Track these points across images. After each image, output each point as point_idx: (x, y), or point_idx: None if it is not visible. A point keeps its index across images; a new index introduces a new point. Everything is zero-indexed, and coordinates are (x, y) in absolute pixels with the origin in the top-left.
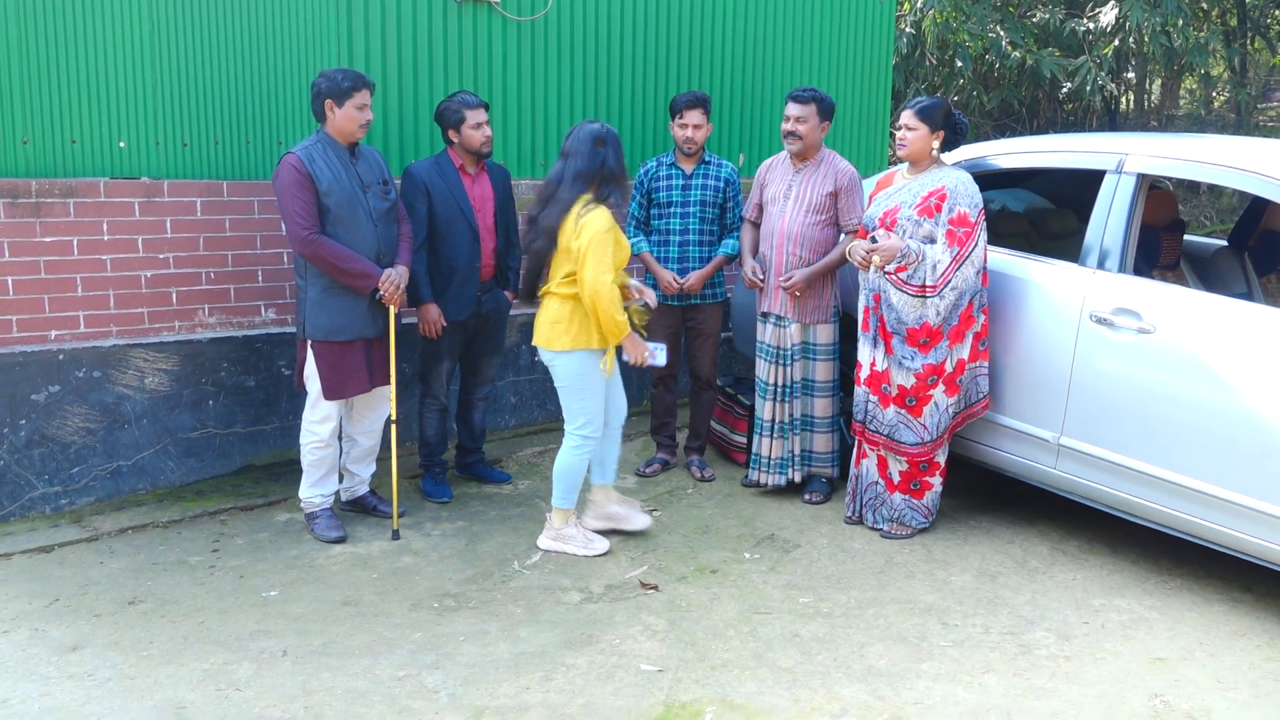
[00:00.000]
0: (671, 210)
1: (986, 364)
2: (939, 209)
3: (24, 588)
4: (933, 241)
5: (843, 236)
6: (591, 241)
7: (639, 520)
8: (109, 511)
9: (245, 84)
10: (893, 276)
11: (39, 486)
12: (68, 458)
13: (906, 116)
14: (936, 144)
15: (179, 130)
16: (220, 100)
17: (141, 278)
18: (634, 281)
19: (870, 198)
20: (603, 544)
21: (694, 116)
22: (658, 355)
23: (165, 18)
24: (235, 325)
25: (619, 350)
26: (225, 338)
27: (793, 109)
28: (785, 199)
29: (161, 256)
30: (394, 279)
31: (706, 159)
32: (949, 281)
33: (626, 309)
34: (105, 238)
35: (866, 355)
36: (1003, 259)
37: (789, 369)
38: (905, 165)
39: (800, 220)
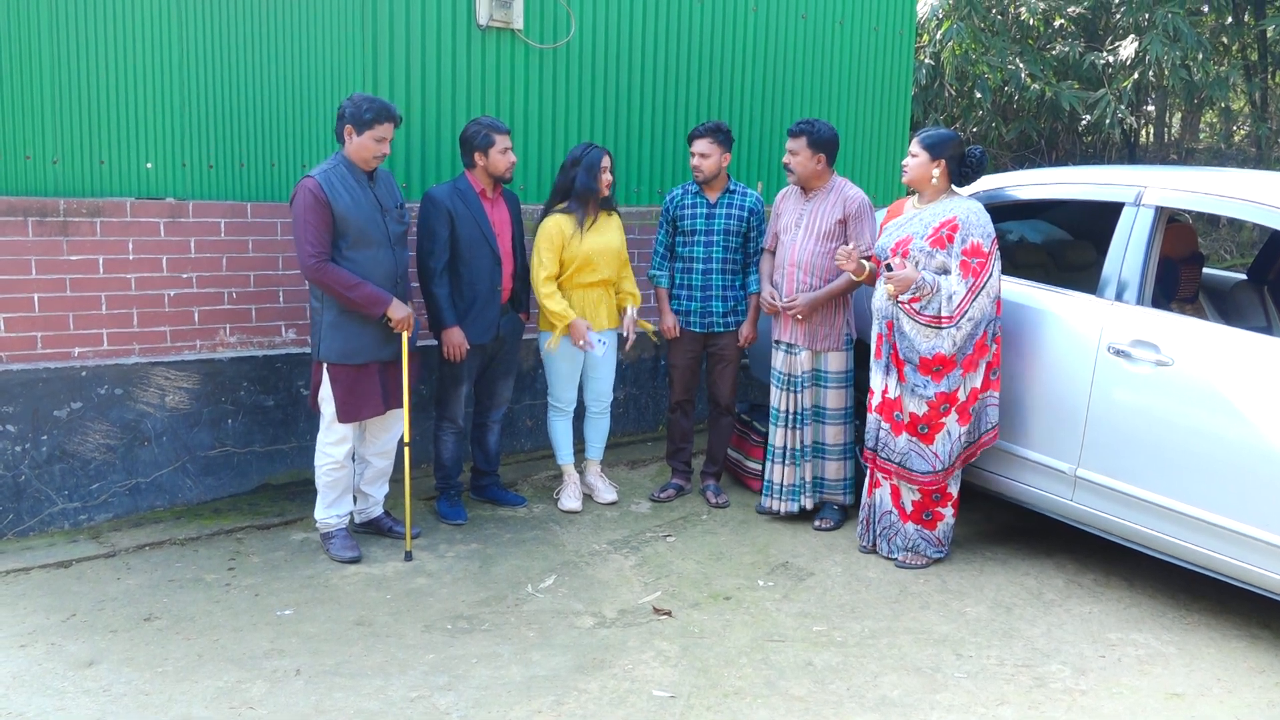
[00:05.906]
0: (695, 238)
1: (997, 393)
2: (950, 240)
3: (41, 602)
4: (946, 273)
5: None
6: (535, 246)
7: (606, 494)
8: (127, 528)
9: (271, 108)
10: (906, 306)
11: (58, 502)
12: (87, 474)
13: (911, 143)
14: (937, 173)
15: (205, 152)
16: (246, 123)
17: (165, 296)
18: (631, 310)
19: (881, 226)
20: (574, 504)
21: (700, 145)
22: (596, 347)
23: (193, 42)
24: (256, 345)
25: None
26: (245, 357)
27: (788, 143)
28: (796, 228)
29: (185, 276)
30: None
31: (731, 188)
32: (965, 312)
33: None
34: (130, 257)
35: (879, 382)
36: (1020, 290)
37: (799, 395)
38: (916, 195)
39: (810, 248)
